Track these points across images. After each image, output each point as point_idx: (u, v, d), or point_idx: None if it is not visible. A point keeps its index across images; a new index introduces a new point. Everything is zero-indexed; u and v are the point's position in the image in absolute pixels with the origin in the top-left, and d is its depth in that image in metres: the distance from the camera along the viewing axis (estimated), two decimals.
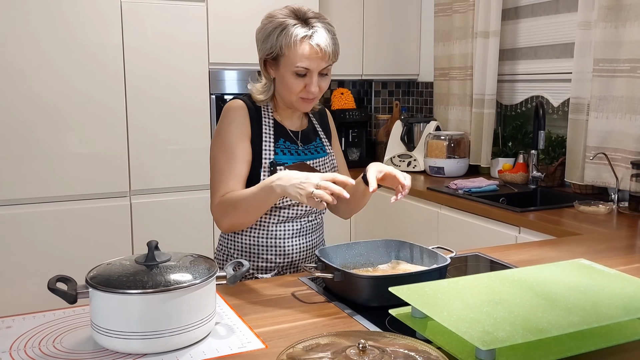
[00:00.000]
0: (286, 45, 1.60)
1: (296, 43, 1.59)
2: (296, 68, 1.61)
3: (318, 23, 1.62)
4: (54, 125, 2.92)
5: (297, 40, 1.59)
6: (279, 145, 1.72)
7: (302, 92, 1.66)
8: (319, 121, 1.88)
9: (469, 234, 2.74)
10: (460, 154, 3.46)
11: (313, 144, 1.80)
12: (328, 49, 1.61)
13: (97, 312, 1.12)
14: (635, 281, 1.26)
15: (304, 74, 1.63)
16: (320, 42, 1.60)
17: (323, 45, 1.60)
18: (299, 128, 1.80)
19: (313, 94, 1.66)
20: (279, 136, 1.73)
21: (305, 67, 1.61)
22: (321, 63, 1.62)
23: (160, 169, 3.18)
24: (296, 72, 1.62)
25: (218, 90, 3.29)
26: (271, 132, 1.72)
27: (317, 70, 1.63)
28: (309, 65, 1.61)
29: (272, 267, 1.76)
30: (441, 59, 3.76)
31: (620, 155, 2.62)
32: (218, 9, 3.23)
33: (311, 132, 1.83)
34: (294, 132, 1.78)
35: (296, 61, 1.60)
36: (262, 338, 1.20)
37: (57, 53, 2.89)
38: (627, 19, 2.55)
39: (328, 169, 1.81)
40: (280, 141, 1.73)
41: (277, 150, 1.71)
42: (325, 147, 1.83)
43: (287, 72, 1.63)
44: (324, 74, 1.66)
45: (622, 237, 2.11)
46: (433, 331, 1.12)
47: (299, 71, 1.62)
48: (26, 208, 2.92)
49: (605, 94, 2.66)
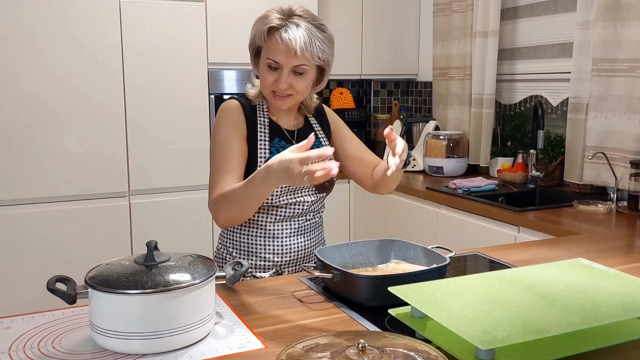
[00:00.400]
0: (259, 35, 1.62)
1: (266, 33, 1.60)
2: (267, 60, 1.63)
3: (300, 20, 1.59)
4: (52, 125, 2.92)
5: (265, 30, 1.60)
6: (274, 145, 1.72)
7: (273, 86, 1.66)
8: (318, 121, 1.87)
9: (468, 234, 2.74)
10: (459, 154, 3.46)
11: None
12: (300, 45, 1.57)
13: (96, 313, 1.12)
14: (634, 280, 1.26)
15: (274, 67, 1.63)
16: (290, 37, 1.57)
17: (294, 40, 1.57)
18: (295, 127, 1.80)
19: (280, 90, 1.64)
20: (274, 135, 1.74)
21: (274, 60, 1.61)
22: (291, 60, 1.60)
23: (159, 169, 3.18)
24: (268, 65, 1.64)
25: (217, 90, 3.29)
26: (266, 132, 1.72)
27: (288, 66, 1.61)
28: (277, 58, 1.61)
29: (271, 266, 1.76)
30: (440, 58, 3.76)
31: (619, 154, 2.62)
32: (217, 8, 3.23)
33: (308, 131, 1.82)
34: (289, 131, 1.78)
35: (267, 53, 1.62)
36: (261, 338, 1.20)
37: (56, 53, 2.89)
38: (626, 18, 2.55)
39: None
40: (275, 140, 1.73)
41: (272, 149, 1.71)
42: (322, 147, 1.82)
43: (262, 64, 1.66)
44: (299, 73, 1.64)
45: (621, 237, 2.11)
46: (432, 331, 1.12)
47: (269, 64, 1.63)
48: (25, 208, 2.92)
49: (604, 94, 2.66)
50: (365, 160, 1.87)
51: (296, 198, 1.74)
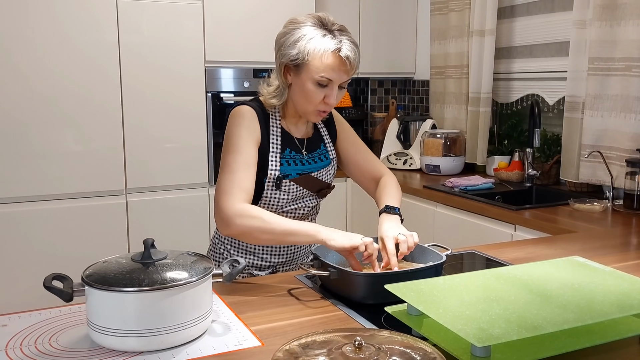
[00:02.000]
0: (314, 54, 1.57)
1: (326, 54, 1.57)
2: (320, 77, 1.59)
3: (345, 37, 1.60)
4: (49, 123, 2.92)
5: (328, 52, 1.57)
6: (285, 156, 1.71)
7: (320, 104, 1.63)
8: (325, 125, 1.86)
9: (465, 232, 2.74)
10: (456, 152, 3.47)
11: (317, 151, 1.79)
12: (355, 62, 1.60)
13: (93, 310, 1.12)
14: (629, 278, 1.27)
15: (325, 84, 1.60)
16: (349, 55, 1.58)
17: (352, 58, 1.58)
18: (305, 135, 1.78)
19: (331, 105, 1.64)
20: (285, 146, 1.72)
21: (329, 78, 1.59)
22: (344, 76, 1.61)
23: (156, 167, 3.18)
24: (318, 82, 1.60)
25: (214, 89, 3.29)
26: (278, 142, 1.70)
27: (339, 82, 1.61)
28: (332, 76, 1.59)
29: (267, 266, 1.77)
30: (437, 57, 3.76)
31: (615, 153, 2.63)
32: (214, 7, 3.23)
33: (317, 139, 1.82)
34: (299, 139, 1.76)
35: (321, 71, 1.58)
36: (258, 335, 1.20)
37: (53, 51, 2.89)
38: (622, 17, 2.56)
39: (330, 177, 1.81)
40: (286, 151, 1.71)
41: (283, 161, 1.70)
42: (328, 154, 1.82)
43: (308, 81, 1.60)
44: (342, 87, 1.65)
45: (616, 235, 2.12)
46: (429, 328, 1.13)
47: (321, 81, 1.59)
48: (22, 206, 2.91)
49: (600, 93, 2.67)
50: (365, 170, 1.88)
51: (299, 204, 1.75)
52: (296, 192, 1.72)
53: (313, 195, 1.79)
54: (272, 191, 1.69)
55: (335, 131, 1.87)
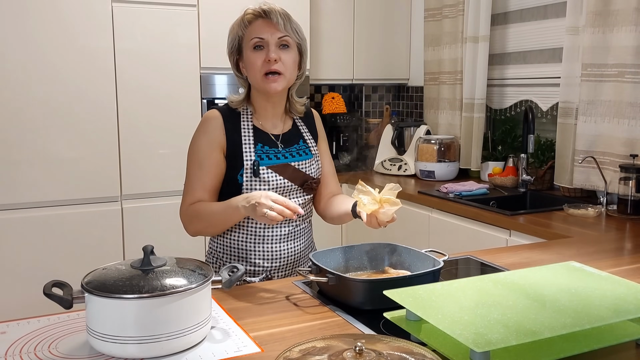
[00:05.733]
0: (241, 28, 1.71)
1: (247, 21, 1.70)
2: (252, 41, 1.70)
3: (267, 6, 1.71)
4: (44, 130, 2.91)
5: (247, 19, 1.70)
6: (257, 151, 1.74)
7: (264, 66, 1.69)
8: (306, 123, 1.88)
9: (460, 238, 2.75)
10: (450, 158, 3.48)
11: (295, 146, 1.81)
12: (277, 19, 1.68)
13: (93, 317, 1.12)
14: (625, 283, 1.28)
15: (260, 45, 1.70)
16: (271, 13, 1.68)
17: (274, 14, 1.68)
18: (281, 131, 1.81)
19: (274, 64, 1.68)
20: (258, 141, 1.75)
21: (260, 37, 1.69)
22: (275, 32, 1.69)
23: (152, 173, 3.17)
24: (253, 46, 1.70)
25: (209, 95, 3.29)
26: (251, 137, 1.75)
27: (273, 40, 1.69)
28: (261, 34, 1.69)
29: (261, 271, 1.77)
30: (431, 63, 3.78)
31: (608, 158, 2.65)
32: (209, 13, 3.24)
33: (294, 134, 1.83)
34: (275, 135, 1.79)
35: (251, 35, 1.70)
36: (257, 342, 1.20)
37: (48, 57, 2.88)
38: (615, 24, 2.58)
39: (314, 170, 1.82)
40: (258, 146, 1.74)
41: (256, 156, 1.73)
42: (310, 149, 1.83)
43: (247, 52, 1.71)
44: (285, 46, 1.71)
45: (611, 240, 2.13)
46: (427, 334, 1.14)
47: (255, 43, 1.70)
48: (16, 213, 2.90)
49: (594, 99, 2.69)
50: (327, 183, 1.90)
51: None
52: (276, 182, 1.73)
53: (299, 190, 1.79)
54: (251, 182, 1.71)
55: (317, 132, 1.90)
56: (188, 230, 1.75)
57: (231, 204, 1.61)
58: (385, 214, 1.52)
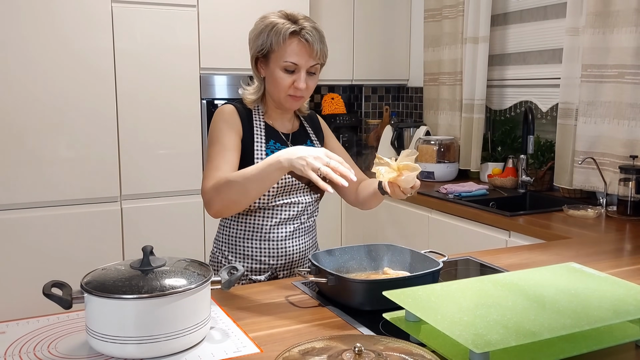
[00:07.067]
0: (276, 41, 1.66)
1: (285, 38, 1.66)
2: (285, 63, 1.67)
3: (306, 22, 1.69)
4: (44, 130, 2.91)
5: (286, 35, 1.66)
6: (270, 147, 1.75)
7: (290, 89, 1.70)
8: (310, 124, 1.91)
9: (460, 238, 2.75)
10: (450, 159, 3.48)
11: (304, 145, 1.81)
12: (316, 45, 1.67)
13: (92, 317, 1.12)
14: (624, 284, 1.28)
15: (292, 69, 1.68)
16: (308, 38, 1.66)
17: (311, 41, 1.66)
18: (290, 130, 1.84)
19: (301, 90, 1.70)
20: (269, 137, 1.77)
21: (294, 63, 1.67)
22: (309, 60, 1.68)
23: (151, 173, 3.17)
24: (285, 68, 1.68)
25: (209, 95, 3.29)
26: (262, 134, 1.76)
27: (306, 66, 1.69)
28: (297, 60, 1.67)
29: (267, 269, 1.77)
30: (431, 64, 3.78)
31: (608, 159, 2.65)
32: (209, 13, 3.24)
33: (302, 134, 1.86)
34: (285, 134, 1.81)
35: (285, 56, 1.67)
36: (257, 342, 1.20)
37: (47, 57, 2.88)
38: (615, 25, 2.58)
39: None
40: (270, 142, 1.76)
41: (268, 151, 1.74)
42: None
43: (276, 68, 1.69)
44: (312, 73, 1.72)
45: (610, 241, 2.13)
46: (427, 334, 1.14)
47: (287, 67, 1.68)
48: (16, 213, 2.90)
49: (594, 99, 2.69)
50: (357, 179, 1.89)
51: (292, 199, 1.76)
52: (285, 180, 1.73)
53: (306, 189, 1.79)
54: None
55: (322, 134, 1.92)
56: (213, 207, 1.60)
57: (269, 160, 1.48)
58: (406, 181, 1.50)
